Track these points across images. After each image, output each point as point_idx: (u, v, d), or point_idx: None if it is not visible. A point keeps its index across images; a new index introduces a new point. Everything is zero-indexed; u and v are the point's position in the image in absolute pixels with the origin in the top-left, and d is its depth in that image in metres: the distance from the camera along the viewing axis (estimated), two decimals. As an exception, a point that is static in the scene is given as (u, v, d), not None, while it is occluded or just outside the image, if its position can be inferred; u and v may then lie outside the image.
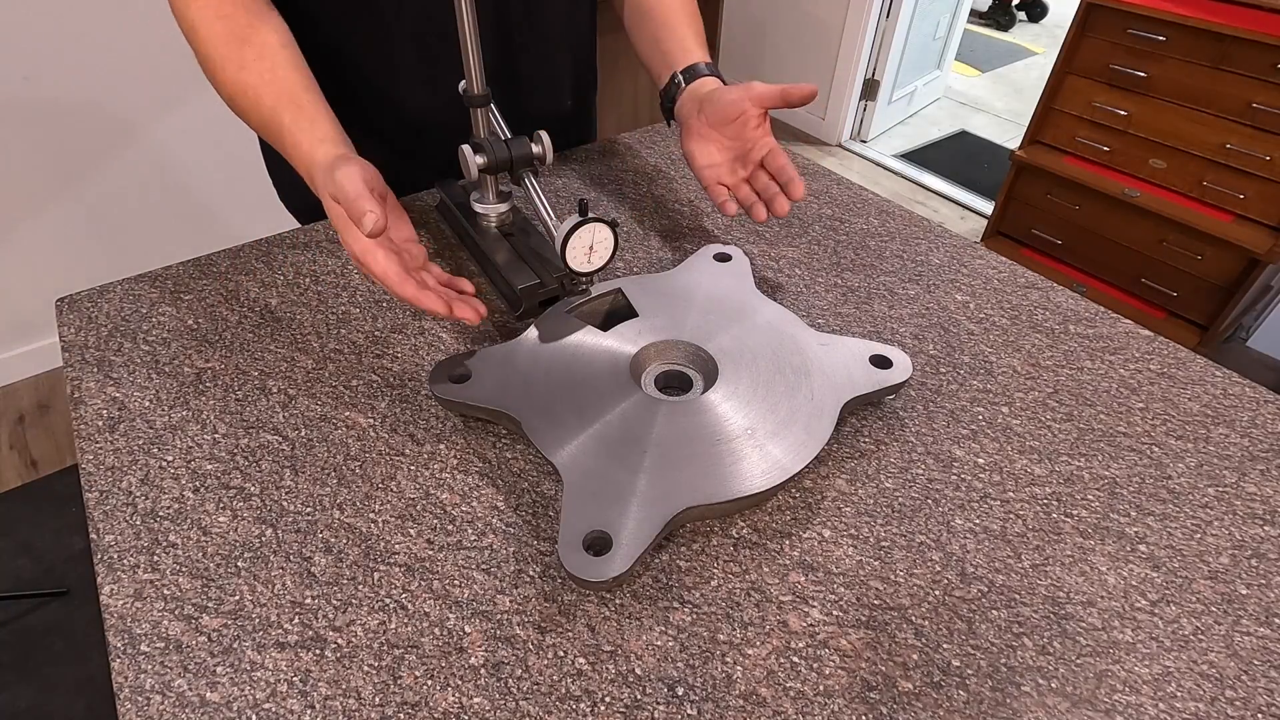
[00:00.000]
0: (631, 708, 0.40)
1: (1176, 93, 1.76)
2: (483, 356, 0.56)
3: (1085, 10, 1.84)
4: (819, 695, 0.41)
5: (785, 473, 0.48)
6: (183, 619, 0.44)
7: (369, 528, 0.49)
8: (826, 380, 0.54)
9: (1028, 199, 2.12)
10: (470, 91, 0.63)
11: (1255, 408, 0.59)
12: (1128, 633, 0.44)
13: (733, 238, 0.77)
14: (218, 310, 0.66)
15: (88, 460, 0.53)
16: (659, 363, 0.59)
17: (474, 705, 0.40)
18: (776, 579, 0.46)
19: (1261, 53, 1.60)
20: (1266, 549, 0.49)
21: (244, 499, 0.50)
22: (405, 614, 0.44)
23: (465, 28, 0.59)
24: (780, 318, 0.60)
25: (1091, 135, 1.94)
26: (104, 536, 0.48)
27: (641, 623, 0.44)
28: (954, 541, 0.49)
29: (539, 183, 0.64)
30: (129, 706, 0.40)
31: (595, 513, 0.45)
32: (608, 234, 0.58)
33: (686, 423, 0.51)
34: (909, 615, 0.45)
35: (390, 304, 0.67)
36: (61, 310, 0.66)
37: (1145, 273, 1.95)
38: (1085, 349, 0.64)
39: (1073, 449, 0.55)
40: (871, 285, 0.71)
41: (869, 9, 2.63)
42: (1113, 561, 0.48)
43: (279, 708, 0.40)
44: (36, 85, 1.58)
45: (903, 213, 0.82)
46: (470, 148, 0.63)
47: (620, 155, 0.91)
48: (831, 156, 2.96)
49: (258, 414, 0.56)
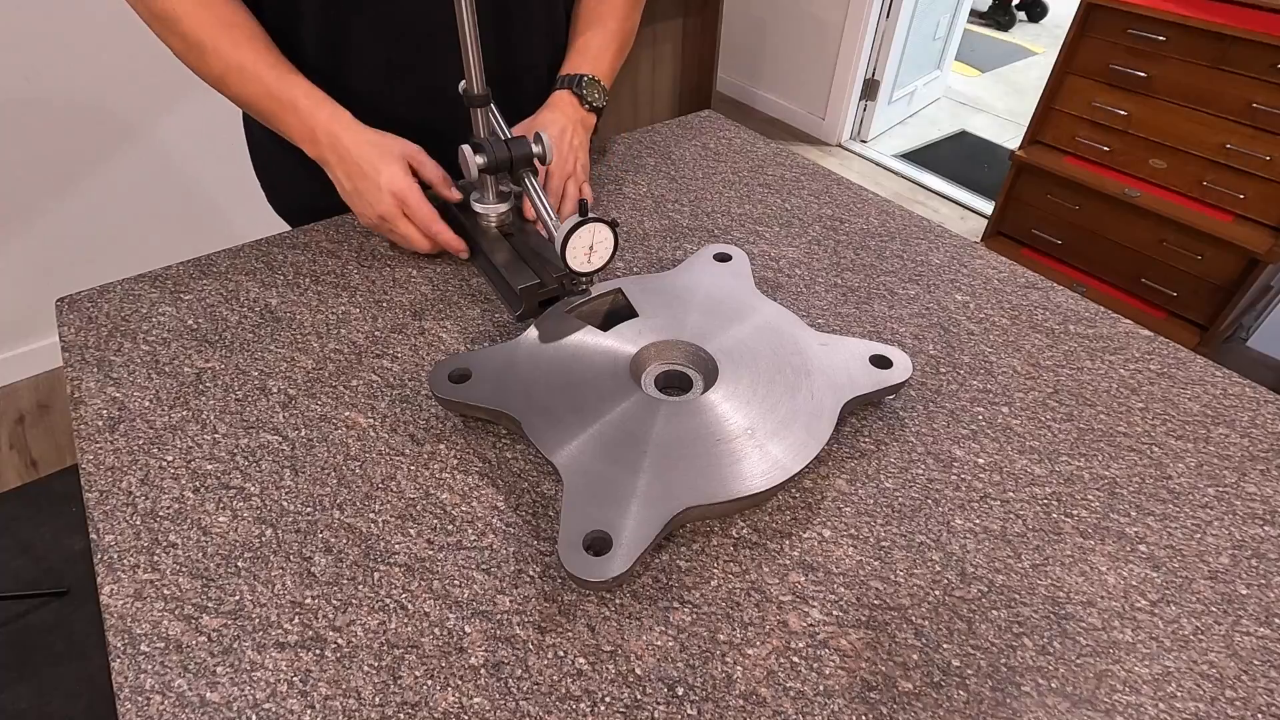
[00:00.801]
0: (631, 708, 0.40)
1: (1176, 93, 1.76)
2: (483, 356, 0.56)
3: (1085, 10, 1.84)
4: (819, 695, 0.41)
5: (785, 473, 0.48)
6: (183, 619, 0.44)
7: (369, 528, 0.49)
8: (826, 380, 0.54)
9: (1028, 199, 2.12)
10: (470, 91, 0.63)
11: (1255, 408, 0.59)
12: (1128, 633, 0.44)
13: (733, 238, 0.77)
14: (218, 310, 0.66)
15: (88, 460, 0.53)
16: (659, 363, 0.59)
17: (474, 705, 0.40)
18: (776, 579, 0.46)
19: (1261, 53, 1.60)
20: (1266, 549, 0.49)
21: (244, 499, 0.50)
22: (405, 614, 0.44)
23: (465, 28, 0.59)
24: (780, 318, 0.60)
25: (1091, 135, 1.94)
26: (104, 536, 0.48)
27: (641, 623, 0.44)
28: (954, 541, 0.49)
29: (539, 183, 0.64)
30: (129, 706, 0.40)
31: (595, 513, 0.45)
32: (608, 234, 0.58)
33: (686, 423, 0.51)
34: (909, 615, 0.45)
35: (390, 304, 0.67)
36: (61, 310, 0.66)
37: (1145, 273, 1.94)
38: (1085, 349, 0.64)
39: (1073, 449, 0.55)
40: (871, 285, 0.71)
41: (869, 9, 2.63)
42: (1113, 561, 0.48)
43: (279, 708, 0.40)
44: (36, 85, 1.58)
45: (903, 213, 0.82)
46: (470, 148, 0.63)
47: (620, 155, 0.91)
48: (831, 156, 2.96)
49: (258, 414, 0.56)
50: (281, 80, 0.67)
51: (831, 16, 2.76)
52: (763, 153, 0.92)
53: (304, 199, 0.70)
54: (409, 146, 0.69)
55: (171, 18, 0.65)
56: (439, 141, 0.72)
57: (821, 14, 2.79)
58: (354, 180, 0.67)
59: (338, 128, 0.67)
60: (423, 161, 0.70)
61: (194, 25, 0.65)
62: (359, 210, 0.70)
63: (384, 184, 0.66)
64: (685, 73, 2.37)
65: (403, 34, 0.73)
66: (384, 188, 0.66)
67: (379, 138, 0.68)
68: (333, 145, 0.67)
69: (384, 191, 0.66)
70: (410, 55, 0.74)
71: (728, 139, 0.95)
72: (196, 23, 0.65)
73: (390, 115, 0.72)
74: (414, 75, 0.76)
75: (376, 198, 0.67)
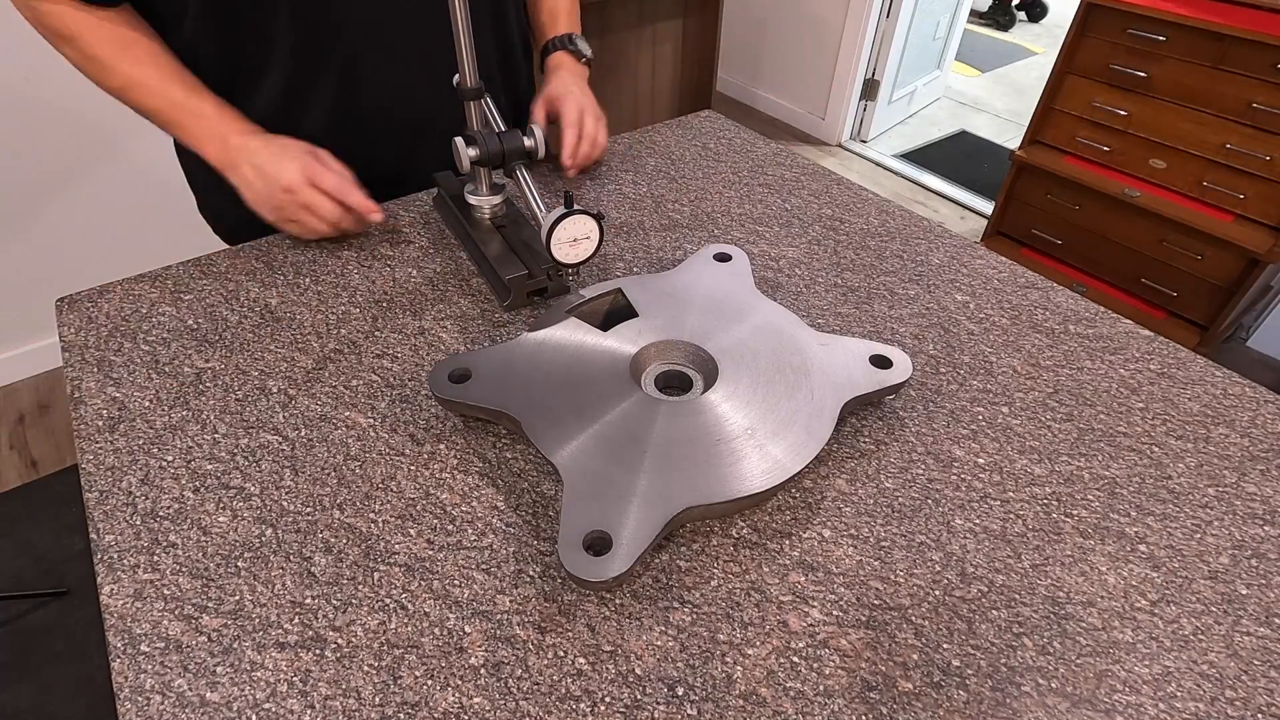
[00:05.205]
0: (631, 708, 0.40)
1: (1176, 93, 1.76)
2: (483, 356, 0.56)
3: (1085, 10, 1.83)
4: (819, 695, 0.41)
5: (785, 473, 0.48)
6: (183, 619, 0.44)
7: (369, 528, 0.49)
8: (826, 380, 0.54)
9: (1028, 199, 2.12)
10: (463, 85, 0.64)
11: (1255, 408, 0.59)
12: (1128, 633, 0.44)
13: (733, 238, 0.77)
14: (218, 310, 0.66)
15: (88, 460, 0.53)
16: (659, 363, 0.59)
17: (474, 705, 0.40)
18: (776, 579, 0.46)
19: (1261, 53, 1.60)
20: (1266, 549, 0.49)
21: (244, 499, 0.50)
22: (405, 614, 0.44)
23: (458, 23, 0.59)
24: (780, 318, 0.60)
25: (1091, 135, 1.94)
26: (104, 536, 0.48)
27: (641, 623, 0.44)
28: (954, 541, 0.49)
29: (530, 175, 0.65)
30: (129, 706, 0.40)
31: (595, 513, 0.45)
32: (593, 226, 0.58)
33: (686, 423, 0.51)
34: (909, 615, 0.45)
35: (390, 304, 0.67)
36: (61, 310, 0.66)
37: (1145, 273, 1.94)
38: (1085, 349, 0.64)
39: (1073, 449, 0.55)
40: (871, 285, 0.71)
41: (869, 9, 2.63)
42: (1113, 561, 0.48)
43: (279, 708, 0.40)
44: (36, 85, 1.58)
45: (903, 213, 0.82)
46: (463, 140, 0.64)
47: (621, 155, 0.91)
48: (831, 156, 2.96)
49: (258, 414, 0.56)
50: (190, 94, 0.69)
51: (831, 16, 2.76)
52: (763, 153, 0.92)
53: (240, 214, 0.71)
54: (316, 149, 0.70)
55: (67, 35, 0.67)
56: (409, 134, 0.77)
57: (821, 14, 2.79)
58: (260, 167, 0.68)
59: (249, 133, 0.69)
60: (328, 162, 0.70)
61: (91, 42, 0.67)
62: (264, 196, 0.69)
63: (291, 159, 0.68)
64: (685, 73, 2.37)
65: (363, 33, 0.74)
66: (291, 162, 0.67)
67: (287, 139, 0.70)
68: (242, 147, 0.69)
69: (291, 164, 0.67)
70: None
71: (728, 139, 0.95)
72: (93, 39, 0.67)
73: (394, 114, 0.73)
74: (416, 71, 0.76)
75: (280, 169, 0.67)
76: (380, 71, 0.75)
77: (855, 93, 2.88)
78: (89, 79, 0.70)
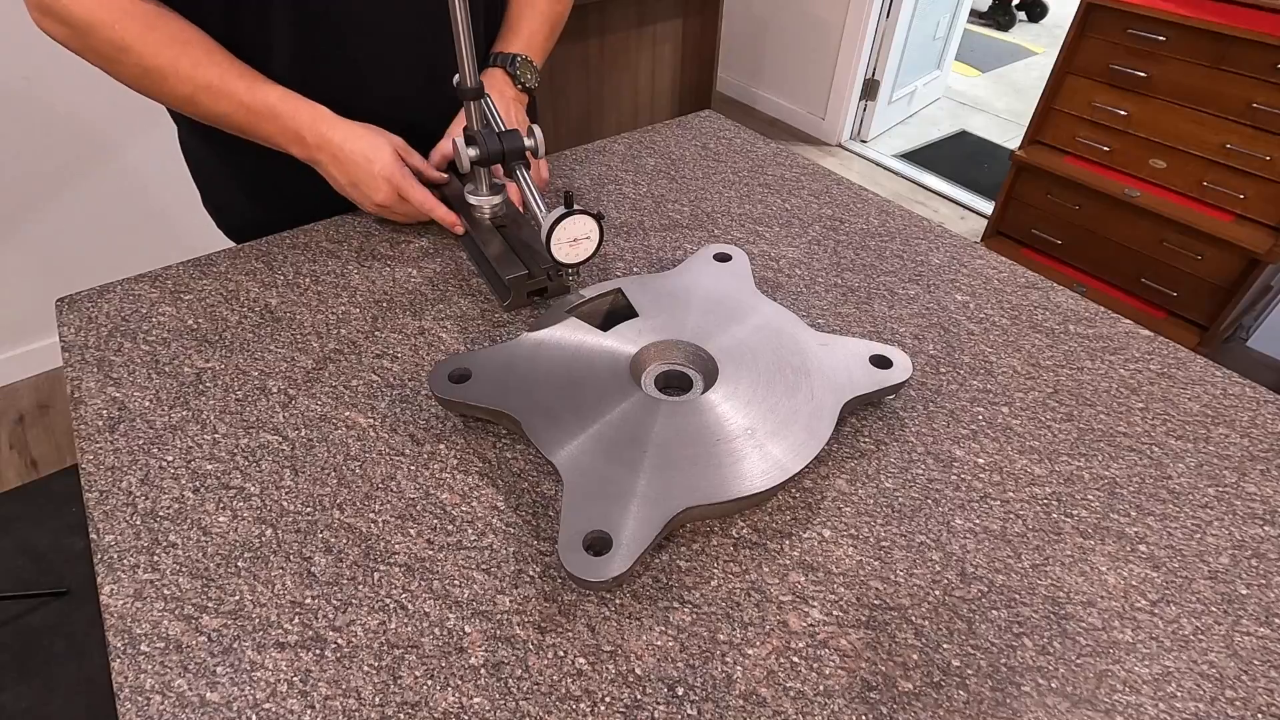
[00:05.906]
0: (631, 708, 0.40)
1: (1176, 93, 1.76)
2: (483, 356, 0.56)
3: (1085, 10, 1.83)
4: (819, 695, 0.41)
5: (785, 473, 0.48)
6: (183, 619, 0.44)
7: (369, 528, 0.49)
8: (826, 380, 0.54)
9: (1028, 199, 2.12)
10: (463, 85, 0.64)
11: (1255, 408, 0.59)
12: (1128, 633, 0.44)
13: (733, 238, 0.77)
14: (218, 310, 0.66)
15: (88, 460, 0.53)
16: (659, 363, 0.59)
17: (474, 705, 0.40)
18: (776, 579, 0.46)
19: (1261, 53, 1.60)
20: (1266, 549, 0.49)
21: (244, 499, 0.50)
22: (405, 614, 0.44)
23: (458, 23, 0.59)
24: (780, 318, 0.60)
25: (1091, 135, 1.94)
26: (104, 536, 0.48)
27: (641, 623, 0.44)
28: (954, 541, 0.49)
29: (530, 175, 0.65)
30: (129, 706, 0.40)
31: (595, 513, 0.45)
32: (593, 226, 0.58)
33: (686, 423, 0.51)
34: (909, 615, 0.45)
35: (390, 304, 0.67)
36: (61, 310, 0.66)
37: (1145, 273, 1.94)
38: (1085, 349, 0.64)
39: (1073, 449, 0.55)
40: (871, 285, 0.71)
41: (869, 9, 2.63)
42: (1113, 561, 0.48)
43: (279, 708, 0.40)
44: (36, 85, 1.58)
45: (903, 213, 0.82)
46: (463, 140, 0.64)
47: (620, 155, 0.91)
48: (831, 156, 2.96)
49: (258, 414, 0.56)
50: (253, 90, 0.67)
51: (831, 16, 2.76)
52: (763, 153, 0.92)
53: (248, 217, 0.71)
54: (394, 138, 0.72)
55: (121, 47, 0.62)
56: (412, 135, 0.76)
57: (821, 14, 2.79)
58: (349, 174, 0.69)
59: (323, 126, 0.68)
60: (409, 150, 0.73)
61: (148, 52, 0.63)
62: (358, 201, 0.72)
63: (378, 173, 0.69)
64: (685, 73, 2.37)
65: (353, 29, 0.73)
66: (379, 176, 0.69)
67: (365, 130, 0.70)
68: (322, 144, 0.68)
69: (379, 179, 0.69)
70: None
71: (728, 139, 0.95)
72: (150, 49, 0.63)
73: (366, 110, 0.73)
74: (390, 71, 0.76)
75: (373, 187, 0.70)
76: (380, 72, 0.75)
77: (855, 93, 2.88)
78: (148, 95, 0.67)
